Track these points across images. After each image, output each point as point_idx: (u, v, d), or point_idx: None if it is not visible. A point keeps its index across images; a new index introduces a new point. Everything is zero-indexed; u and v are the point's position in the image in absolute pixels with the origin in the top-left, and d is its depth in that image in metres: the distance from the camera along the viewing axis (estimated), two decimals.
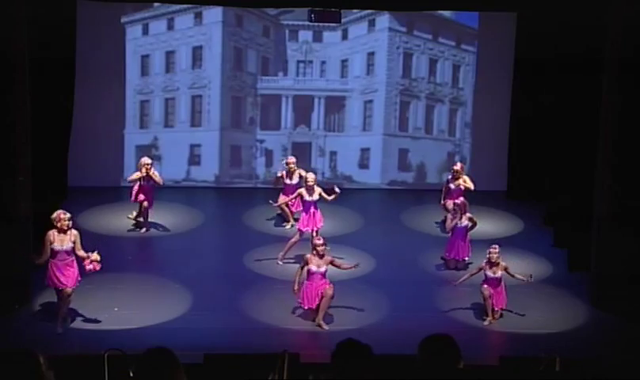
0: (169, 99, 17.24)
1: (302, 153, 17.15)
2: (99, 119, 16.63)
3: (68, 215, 11.45)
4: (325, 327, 11.76)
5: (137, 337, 10.90)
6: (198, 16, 17.03)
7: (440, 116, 17.61)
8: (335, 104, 17.45)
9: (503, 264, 12.16)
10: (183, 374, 4.63)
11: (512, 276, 12.22)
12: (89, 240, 14.38)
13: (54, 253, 11.35)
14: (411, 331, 9.95)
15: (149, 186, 14.55)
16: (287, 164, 14.90)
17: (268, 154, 17.12)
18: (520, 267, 13.84)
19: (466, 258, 13.58)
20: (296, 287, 11.79)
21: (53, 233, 11.36)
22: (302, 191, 13.72)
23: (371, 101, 17.47)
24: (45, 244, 11.30)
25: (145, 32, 16.96)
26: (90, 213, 15.58)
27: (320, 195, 13.63)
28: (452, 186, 14.77)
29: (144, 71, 17.04)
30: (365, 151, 17.51)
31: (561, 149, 14.82)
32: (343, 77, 17.44)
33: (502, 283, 12.14)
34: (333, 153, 17.43)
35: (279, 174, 14.99)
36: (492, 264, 12.10)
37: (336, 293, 12.47)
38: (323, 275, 11.79)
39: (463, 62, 17.46)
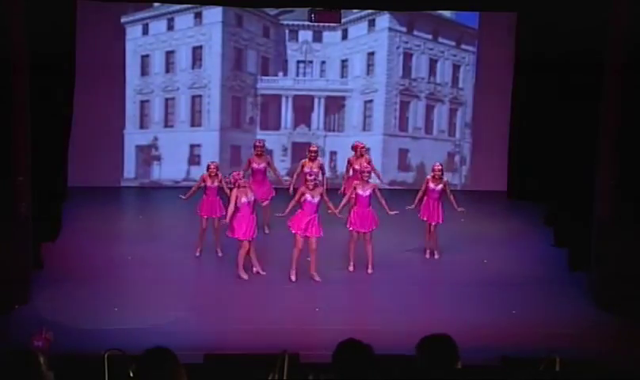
0: (169, 99, 17.25)
1: (302, 153, 17.14)
2: (99, 119, 16.64)
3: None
4: (317, 278, 12.88)
5: (137, 337, 10.88)
6: (198, 16, 17.04)
7: (440, 116, 17.62)
8: (335, 104, 17.45)
9: (445, 179, 13.84)
10: (183, 374, 4.63)
11: (447, 194, 13.70)
12: (89, 240, 14.44)
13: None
14: (410, 331, 9.95)
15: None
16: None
17: (268, 154, 17.09)
18: (519, 266, 13.89)
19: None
20: (285, 213, 12.95)
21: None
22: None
23: (371, 101, 17.48)
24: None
25: (145, 32, 16.97)
26: (90, 213, 15.58)
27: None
28: (357, 166, 14.42)
29: (144, 71, 17.05)
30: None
31: (562, 149, 14.81)
32: (343, 77, 17.45)
33: (441, 201, 13.70)
34: (333, 153, 17.44)
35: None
36: (435, 179, 13.67)
37: (335, 293, 12.53)
38: (316, 206, 12.79)
39: (463, 62, 17.46)
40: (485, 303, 12.66)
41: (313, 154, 14.45)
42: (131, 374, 4.70)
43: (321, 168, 14.42)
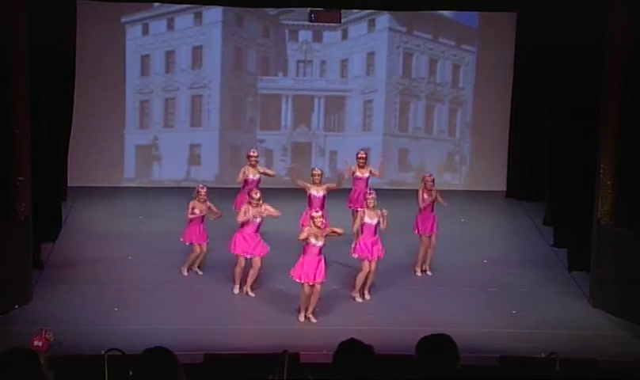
0: (169, 99, 17.23)
1: (302, 153, 17.15)
2: (99, 119, 16.64)
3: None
4: (314, 320, 11.87)
5: (137, 337, 10.89)
6: (198, 16, 17.03)
7: (440, 116, 17.60)
8: (335, 104, 17.44)
9: (436, 189, 13.42)
10: (183, 374, 4.63)
11: (440, 200, 13.37)
12: (89, 240, 14.45)
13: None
14: (410, 331, 9.96)
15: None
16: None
17: (268, 154, 17.10)
18: (519, 266, 13.90)
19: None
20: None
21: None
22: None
23: (371, 101, 17.46)
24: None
25: (145, 32, 16.96)
26: (90, 213, 15.59)
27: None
28: (359, 174, 14.26)
29: (144, 71, 17.04)
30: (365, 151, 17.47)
31: (561, 148, 14.82)
32: (343, 77, 17.42)
33: (434, 211, 13.39)
34: (333, 153, 17.42)
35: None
36: (427, 191, 13.33)
37: (336, 291, 12.52)
38: (320, 250, 11.73)
39: (463, 62, 17.45)
40: (485, 303, 12.68)
41: (317, 178, 13.54)
42: (131, 374, 4.70)
43: (327, 190, 13.47)
